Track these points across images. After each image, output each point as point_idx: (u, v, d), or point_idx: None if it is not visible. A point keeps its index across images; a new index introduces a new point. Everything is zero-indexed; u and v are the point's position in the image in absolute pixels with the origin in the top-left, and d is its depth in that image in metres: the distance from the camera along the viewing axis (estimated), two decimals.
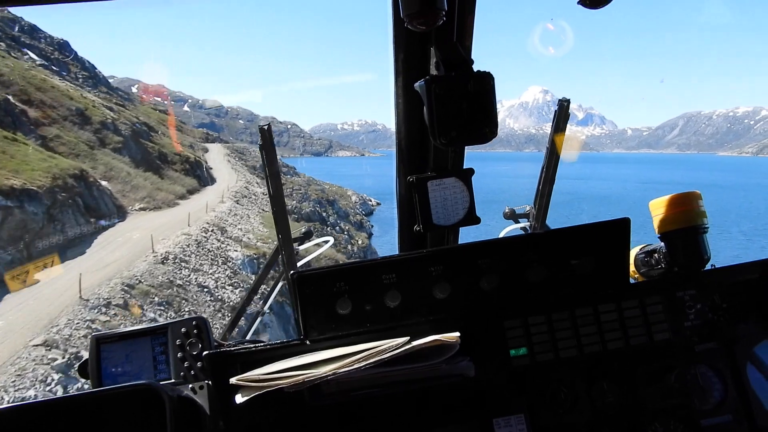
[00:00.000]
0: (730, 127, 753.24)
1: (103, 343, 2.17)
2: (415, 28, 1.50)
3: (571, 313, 2.02)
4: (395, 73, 1.94)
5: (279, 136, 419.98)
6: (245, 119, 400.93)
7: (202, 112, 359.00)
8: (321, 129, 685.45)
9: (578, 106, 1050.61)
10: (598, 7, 1.44)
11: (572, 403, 2.00)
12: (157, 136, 59.86)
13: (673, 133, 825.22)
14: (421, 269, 1.94)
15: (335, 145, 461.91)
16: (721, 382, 2.10)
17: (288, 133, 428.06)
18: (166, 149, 54.91)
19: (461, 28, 1.78)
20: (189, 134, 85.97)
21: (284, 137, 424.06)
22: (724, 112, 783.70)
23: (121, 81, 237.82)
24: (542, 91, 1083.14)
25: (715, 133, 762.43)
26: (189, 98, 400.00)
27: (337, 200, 74.01)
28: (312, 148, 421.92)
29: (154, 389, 1.75)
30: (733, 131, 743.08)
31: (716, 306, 2.13)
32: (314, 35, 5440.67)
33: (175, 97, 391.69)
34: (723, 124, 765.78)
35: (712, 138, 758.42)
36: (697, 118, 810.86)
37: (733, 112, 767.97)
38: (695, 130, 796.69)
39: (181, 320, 2.20)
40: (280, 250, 2.47)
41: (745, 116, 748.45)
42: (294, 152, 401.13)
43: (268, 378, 1.70)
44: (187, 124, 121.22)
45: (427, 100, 1.67)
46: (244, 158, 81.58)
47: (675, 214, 2.14)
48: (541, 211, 2.78)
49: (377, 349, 1.72)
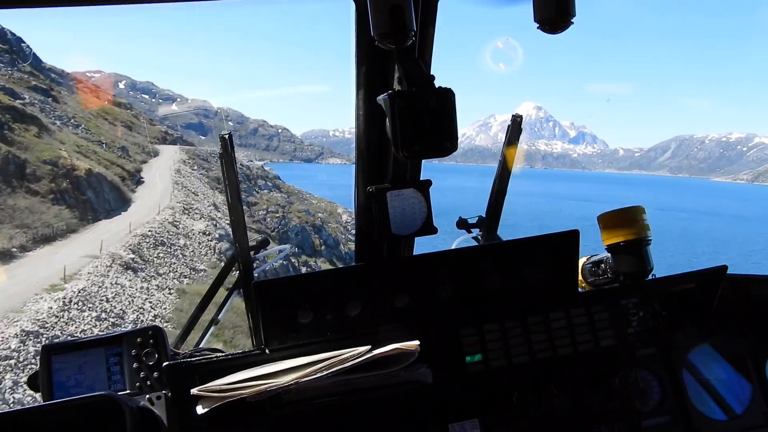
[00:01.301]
0: (723, 152, 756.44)
1: (54, 354, 2.10)
2: (385, 47, 1.52)
3: (523, 320, 2.11)
4: (357, 85, 1.97)
5: (269, 140, 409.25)
6: (235, 121, 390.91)
7: (191, 112, 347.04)
8: (312, 135, 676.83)
9: (570, 124, 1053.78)
10: (556, 32, 1.50)
11: (523, 407, 2.08)
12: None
13: (665, 155, 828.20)
14: (381, 279, 2.00)
15: (326, 152, 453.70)
16: (660, 385, 2.23)
17: (278, 137, 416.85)
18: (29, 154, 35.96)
19: (422, 44, 1.84)
20: (141, 132, 72.19)
21: (274, 141, 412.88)
22: (717, 137, 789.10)
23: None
24: (535, 107, 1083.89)
25: (707, 158, 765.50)
26: (178, 97, 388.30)
27: (325, 223, 63.13)
28: (302, 154, 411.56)
29: (114, 400, 1.72)
30: (725, 157, 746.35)
31: (657, 313, 2.26)
32: (307, 40, 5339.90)
33: (163, 95, 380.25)
34: (715, 149, 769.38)
35: (704, 162, 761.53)
36: (689, 141, 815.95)
37: (726, 137, 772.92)
38: (687, 153, 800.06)
39: (137, 330, 2.16)
40: (237, 258, 2.42)
41: (738, 142, 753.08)
42: (284, 157, 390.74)
43: (229, 388, 1.71)
44: (167, 123, 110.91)
45: (391, 113, 1.68)
46: (207, 166, 68.22)
47: (621, 227, 2.24)
48: (492, 221, 2.84)
49: (339, 358, 1.74)
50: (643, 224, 2.25)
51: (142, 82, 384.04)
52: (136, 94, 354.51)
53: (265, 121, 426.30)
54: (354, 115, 2.07)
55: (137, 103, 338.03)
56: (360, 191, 2.17)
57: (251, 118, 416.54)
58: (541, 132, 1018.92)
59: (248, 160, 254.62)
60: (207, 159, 72.06)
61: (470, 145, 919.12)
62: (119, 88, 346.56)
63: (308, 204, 69.53)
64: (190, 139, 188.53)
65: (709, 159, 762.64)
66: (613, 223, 2.28)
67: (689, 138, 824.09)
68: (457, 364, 2.07)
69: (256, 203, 58.72)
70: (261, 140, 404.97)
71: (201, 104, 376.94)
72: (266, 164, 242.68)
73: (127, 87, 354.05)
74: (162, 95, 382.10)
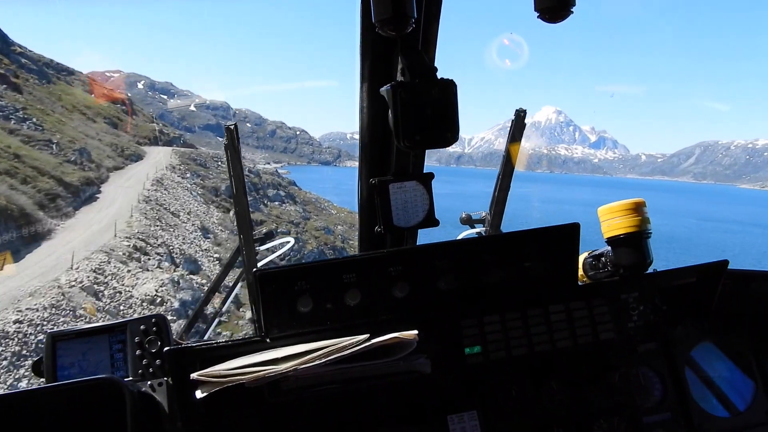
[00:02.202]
0: (749, 159, 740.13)
1: (60, 341, 2.15)
2: (386, 34, 1.55)
3: (523, 313, 2.12)
4: (361, 78, 2.00)
5: (287, 142, 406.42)
6: (253, 122, 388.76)
7: (209, 113, 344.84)
8: (330, 137, 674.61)
9: (591, 128, 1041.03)
10: (557, 21, 1.52)
11: (522, 400, 2.08)
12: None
13: (689, 161, 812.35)
14: (381, 269, 2.00)
15: (344, 155, 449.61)
16: (661, 381, 2.23)
17: (296, 139, 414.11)
18: None
19: (426, 37, 1.86)
20: (129, 131, 63.00)
21: (292, 144, 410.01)
22: (743, 143, 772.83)
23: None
24: (556, 111, 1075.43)
25: (732, 164, 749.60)
26: (197, 97, 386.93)
27: (346, 241, 53.14)
28: (320, 157, 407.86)
29: (114, 383, 1.75)
30: (751, 163, 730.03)
31: (657, 308, 2.26)
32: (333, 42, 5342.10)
33: (181, 95, 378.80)
34: (741, 155, 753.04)
35: (729, 169, 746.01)
36: (714, 147, 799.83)
37: (753, 144, 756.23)
38: (712, 159, 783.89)
39: (141, 318, 2.22)
40: (241, 250, 2.47)
41: (764, 149, 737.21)
42: (302, 160, 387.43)
43: (229, 374, 1.72)
44: (184, 124, 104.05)
45: (393, 104, 1.72)
46: (204, 173, 55.80)
47: (621, 220, 2.25)
48: (496, 217, 2.87)
49: (337, 345, 1.76)
50: (644, 217, 2.25)
51: (161, 82, 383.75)
52: (155, 95, 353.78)
53: (284, 123, 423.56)
54: (358, 108, 2.09)
55: (155, 103, 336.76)
56: (363, 183, 2.19)
57: (269, 120, 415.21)
58: (561, 136, 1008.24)
59: (265, 162, 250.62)
60: (205, 164, 60.25)
61: (489, 149, 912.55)
62: (138, 87, 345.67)
63: (326, 216, 62.22)
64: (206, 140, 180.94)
65: (735, 165, 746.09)
66: (613, 216, 2.28)
67: (714, 144, 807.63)
68: (457, 356, 2.07)
69: (262, 221, 46.24)
70: (279, 142, 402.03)
71: (219, 105, 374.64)
72: (283, 167, 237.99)
73: (146, 87, 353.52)
74: (180, 95, 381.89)
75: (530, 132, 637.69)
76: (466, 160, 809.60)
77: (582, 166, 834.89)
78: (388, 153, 2.13)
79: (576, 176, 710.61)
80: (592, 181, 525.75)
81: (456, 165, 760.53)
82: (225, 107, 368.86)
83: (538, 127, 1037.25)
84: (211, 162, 61.72)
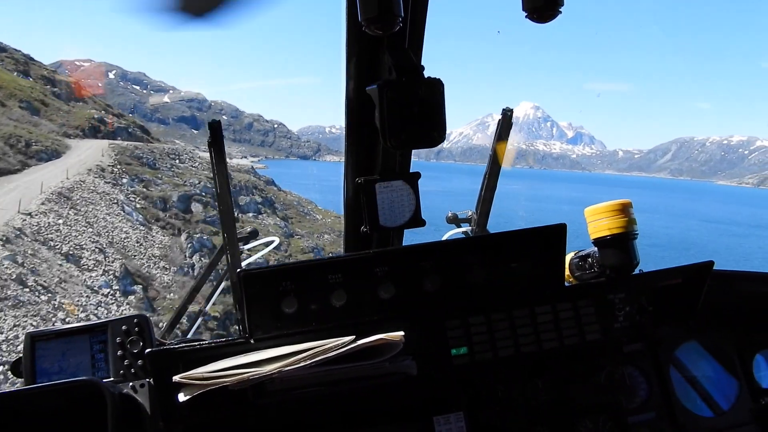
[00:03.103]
0: (724, 155, 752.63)
1: (39, 341, 2.12)
2: (372, 32, 1.54)
3: (509, 313, 2.11)
4: (347, 76, 1.98)
5: (264, 135, 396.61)
6: (229, 115, 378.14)
7: (183, 104, 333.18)
8: (309, 131, 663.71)
9: (568, 124, 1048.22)
10: (545, 21, 1.50)
11: (509, 401, 2.10)
12: None
13: (665, 157, 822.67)
14: (367, 270, 1.99)
15: (323, 149, 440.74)
16: (647, 381, 2.26)
17: (274, 133, 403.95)
18: None
19: (413, 36, 1.85)
20: (56, 119, 49.21)
21: (270, 137, 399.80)
22: (718, 139, 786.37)
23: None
24: (533, 107, 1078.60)
25: (708, 161, 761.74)
26: (170, 88, 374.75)
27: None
28: (299, 151, 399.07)
29: (95, 385, 1.71)
30: (726, 160, 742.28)
31: (643, 309, 2.26)
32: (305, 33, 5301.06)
33: (154, 86, 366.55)
34: (717, 151, 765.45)
35: (705, 165, 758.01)
36: (690, 143, 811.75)
37: (728, 140, 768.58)
38: (688, 156, 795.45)
39: (122, 318, 2.18)
40: (225, 249, 2.44)
41: (739, 145, 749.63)
42: (280, 154, 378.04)
43: (212, 376, 1.70)
44: (157, 115, 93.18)
45: (380, 103, 1.71)
46: (150, 177, 40.38)
47: (608, 221, 2.25)
48: (482, 217, 2.86)
49: (323, 347, 1.74)
50: (630, 218, 2.26)
51: (134, 72, 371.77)
52: (127, 85, 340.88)
53: (261, 116, 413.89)
54: (344, 106, 2.07)
55: (127, 94, 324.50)
56: (349, 182, 2.18)
57: (246, 112, 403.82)
58: (539, 132, 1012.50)
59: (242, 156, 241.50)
60: (154, 163, 43.08)
61: (468, 144, 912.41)
62: (109, 77, 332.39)
63: (311, 223, 52.69)
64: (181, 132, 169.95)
65: (711, 162, 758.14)
66: (600, 217, 2.28)
67: (690, 140, 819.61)
68: (443, 357, 2.06)
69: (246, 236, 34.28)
70: (256, 135, 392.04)
71: (194, 96, 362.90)
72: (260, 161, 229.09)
73: (117, 77, 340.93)
74: (154, 86, 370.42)
75: None
76: (446, 155, 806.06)
77: (561, 161, 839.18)
78: (374, 152, 2.11)
79: (556, 172, 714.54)
80: (572, 177, 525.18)
81: (436, 160, 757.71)
82: (200, 99, 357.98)
83: (517, 122, 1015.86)
84: (165, 161, 44.81)
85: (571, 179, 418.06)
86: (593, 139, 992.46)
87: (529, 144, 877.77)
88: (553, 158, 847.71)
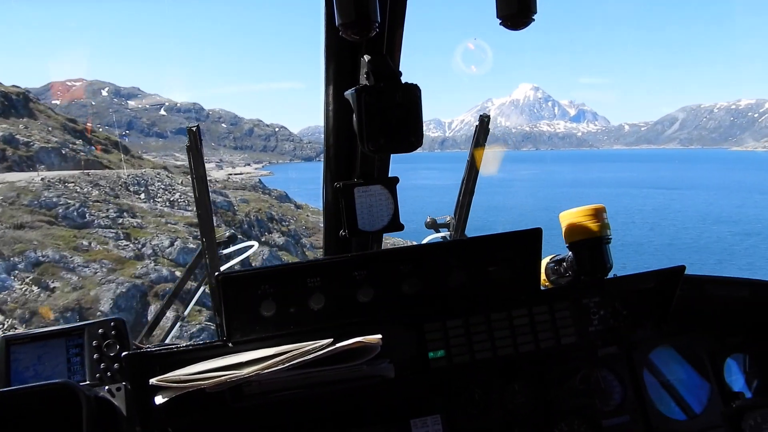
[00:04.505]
0: (733, 120, 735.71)
1: (14, 344, 2.11)
2: (349, 38, 1.55)
3: (486, 317, 2.14)
4: (326, 81, 1.99)
5: (266, 140, 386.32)
6: (228, 122, 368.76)
7: (180, 116, 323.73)
8: (310, 132, 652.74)
9: (569, 102, 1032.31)
10: (518, 29, 1.54)
11: (486, 403, 2.12)
12: None
13: (673, 127, 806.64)
14: (346, 273, 2.01)
15: None
16: (621, 385, 2.28)
17: (276, 136, 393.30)
18: None
19: (391, 42, 1.86)
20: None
21: (272, 141, 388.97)
22: (725, 105, 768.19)
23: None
24: (533, 88, 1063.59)
25: (717, 127, 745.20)
26: (166, 101, 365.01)
27: None
28: (302, 153, 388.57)
29: (70, 388, 1.71)
30: (736, 125, 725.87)
31: (617, 312, 2.31)
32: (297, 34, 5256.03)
33: (150, 100, 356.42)
34: (726, 117, 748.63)
35: (715, 132, 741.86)
36: (697, 111, 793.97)
37: (736, 105, 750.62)
38: (696, 124, 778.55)
39: (98, 321, 2.17)
40: (204, 254, 2.46)
41: (748, 109, 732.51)
42: (284, 158, 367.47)
43: (189, 378, 1.69)
44: (155, 129, 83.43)
45: (357, 108, 1.73)
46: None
47: (582, 226, 2.28)
48: (460, 221, 2.88)
49: (301, 350, 1.75)
50: (603, 223, 2.29)
51: (127, 87, 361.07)
52: (121, 101, 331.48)
53: (261, 120, 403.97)
54: (323, 111, 2.09)
55: (122, 110, 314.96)
56: (328, 186, 2.20)
57: (246, 118, 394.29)
58: (540, 113, 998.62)
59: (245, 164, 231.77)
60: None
61: (470, 132, 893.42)
62: (102, 95, 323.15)
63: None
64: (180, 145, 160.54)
65: (720, 128, 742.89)
66: (574, 222, 2.31)
67: (697, 108, 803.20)
68: (420, 360, 2.08)
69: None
70: (258, 141, 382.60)
71: (191, 106, 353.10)
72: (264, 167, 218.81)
73: (111, 94, 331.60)
74: (149, 100, 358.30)
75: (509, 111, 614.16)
76: (450, 144, 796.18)
77: (567, 141, 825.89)
78: (353, 157, 2.13)
79: (564, 152, 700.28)
80: (584, 156, 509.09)
81: (440, 150, 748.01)
82: (197, 108, 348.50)
83: (517, 105, 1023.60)
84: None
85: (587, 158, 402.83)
86: (596, 116, 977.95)
87: (533, 126, 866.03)
88: (559, 138, 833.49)
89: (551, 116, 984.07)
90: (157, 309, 2.69)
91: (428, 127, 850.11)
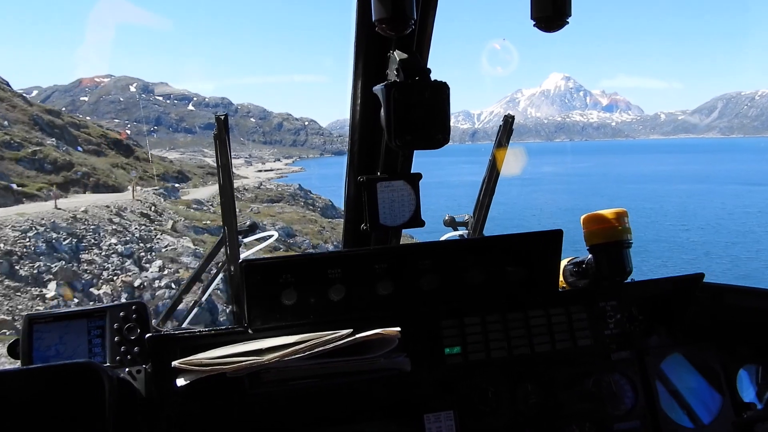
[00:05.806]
0: None
1: (37, 323, 2.13)
2: (385, 33, 1.56)
3: (503, 316, 2.15)
4: (354, 75, 2.01)
5: (296, 134, 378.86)
6: (257, 116, 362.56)
7: (209, 111, 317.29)
8: (339, 125, 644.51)
9: (601, 92, 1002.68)
10: (552, 31, 1.53)
11: (498, 402, 2.12)
12: None
13: (711, 116, 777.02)
14: (366, 266, 2.03)
15: None
16: (633, 390, 2.26)
17: (305, 130, 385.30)
18: None
19: (420, 40, 1.88)
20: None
21: (302, 135, 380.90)
22: (767, 92, 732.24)
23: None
24: (564, 77, 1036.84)
25: (759, 115, 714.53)
26: (194, 96, 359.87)
27: None
28: (332, 147, 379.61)
29: (93, 368, 1.72)
30: None
31: (633, 317, 2.31)
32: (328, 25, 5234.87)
33: (178, 96, 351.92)
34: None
35: (757, 120, 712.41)
36: (737, 99, 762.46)
37: None
38: (737, 112, 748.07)
39: (120, 304, 2.22)
40: (225, 241, 2.49)
41: None
42: (314, 152, 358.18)
43: (211, 362, 1.73)
44: (183, 125, 76.66)
45: (386, 103, 1.73)
46: None
47: (603, 229, 2.27)
48: (479, 221, 2.88)
49: (321, 339, 1.78)
50: (624, 227, 2.28)
51: (155, 83, 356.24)
52: (149, 97, 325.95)
53: (290, 114, 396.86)
54: (350, 104, 2.11)
55: (150, 106, 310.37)
56: (351, 180, 2.22)
57: (275, 113, 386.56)
58: (572, 103, 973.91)
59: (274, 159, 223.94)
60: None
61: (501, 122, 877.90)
62: (130, 91, 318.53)
63: None
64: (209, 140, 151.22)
65: (762, 116, 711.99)
66: (595, 225, 2.30)
67: (737, 95, 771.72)
68: (436, 355, 2.10)
69: None
70: (287, 135, 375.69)
71: (219, 101, 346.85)
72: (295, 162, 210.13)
73: (139, 89, 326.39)
74: (177, 96, 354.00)
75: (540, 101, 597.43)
76: (481, 135, 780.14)
77: (602, 131, 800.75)
78: (377, 151, 2.13)
79: (599, 143, 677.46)
80: (621, 146, 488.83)
81: (471, 142, 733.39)
82: (226, 103, 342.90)
83: (548, 95, 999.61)
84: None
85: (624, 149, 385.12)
86: (629, 105, 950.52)
87: (565, 116, 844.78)
88: (594, 128, 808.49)
89: (583, 106, 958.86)
90: (175, 294, 2.65)
91: (457, 119, 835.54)
